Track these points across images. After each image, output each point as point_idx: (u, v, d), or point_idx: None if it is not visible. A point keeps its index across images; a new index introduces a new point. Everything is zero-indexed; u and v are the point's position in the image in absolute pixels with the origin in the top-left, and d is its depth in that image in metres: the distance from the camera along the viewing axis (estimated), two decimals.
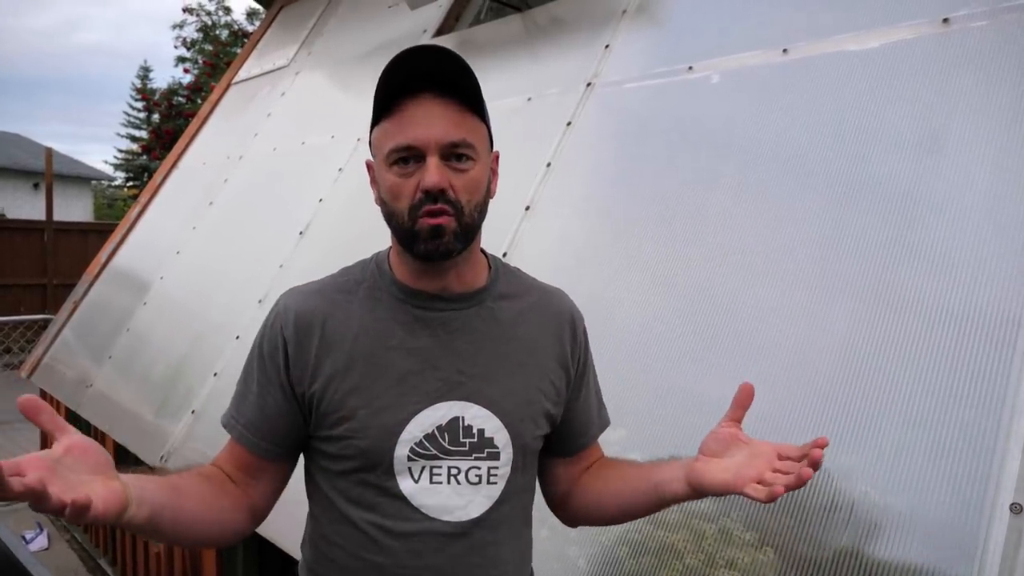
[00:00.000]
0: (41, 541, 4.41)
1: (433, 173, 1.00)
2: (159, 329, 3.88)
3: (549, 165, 2.42)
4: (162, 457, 3.04)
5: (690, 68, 2.25)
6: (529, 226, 2.33)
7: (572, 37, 2.81)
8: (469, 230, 1.06)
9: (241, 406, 1.13)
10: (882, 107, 1.77)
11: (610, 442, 1.70)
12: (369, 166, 1.12)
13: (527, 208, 2.37)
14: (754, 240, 1.79)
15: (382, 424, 1.05)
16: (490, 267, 1.17)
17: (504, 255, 2.29)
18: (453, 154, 1.02)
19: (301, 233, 3.33)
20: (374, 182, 1.10)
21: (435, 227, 1.01)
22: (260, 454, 1.12)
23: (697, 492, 1.02)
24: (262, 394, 1.10)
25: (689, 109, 2.18)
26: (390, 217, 1.05)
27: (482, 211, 1.08)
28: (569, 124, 2.48)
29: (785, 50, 2.04)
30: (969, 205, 1.52)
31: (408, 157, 1.02)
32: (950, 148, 1.61)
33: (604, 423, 1.29)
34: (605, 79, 2.50)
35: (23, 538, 4.38)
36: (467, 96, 1.05)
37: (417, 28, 3.80)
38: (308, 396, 1.08)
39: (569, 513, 1.28)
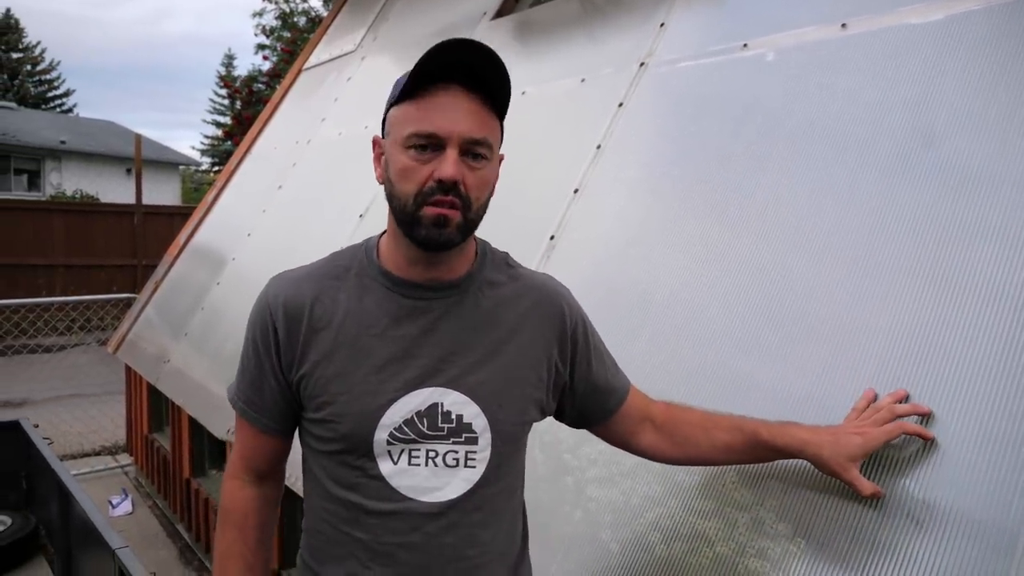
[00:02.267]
0: (126, 506, 4.68)
1: (451, 166, 1.02)
2: (230, 308, 4.03)
3: (599, 147, 2.40)
4: (229, 430, 3.18)
5: (745, 45, 2.18)
6: (578, 209, 2.32)
7: (628, 16, 2.77)
8: (472, 225, 1.09)
9: (241, 384, 1.20)
10: (946, 82, 1.68)
11: None
12: (376, 142, 1.14)
13: (576, 191, 2.35)
14: (810, 220, 1.72)
15: (362, 410, 1.09)
16: (477, 252, 1.19)
17: (552, 238, 2.29)
18: (471, 151, 1.04)
19: (361, 216, 3.40)
20: (378, 158, 1.13)
21: (440, 216, 1.03)
22: (261, 429, 1.19)
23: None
24: (259, 376, 1.16)
25: (743, 88, 2.12)
26: (393, 197, 1.07)
27: (485, 209, 1.11)
28: (621, 105, 2.44)
29: (844, 24, 1.96)
30: None
31: (427, 145, 1.03)
32: (1019, 124, 1.52)
33: (625, 382, 1.33)
34: (659, 58, 2.46)
35: (110, 503, 4.66)
36: (493, 96, 1.07)
37: (477, 10, 3.81)
38: (296, 380, 1.13)
39: (660, 459, 1.38)
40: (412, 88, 1.05)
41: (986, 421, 1.24)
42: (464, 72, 1.04)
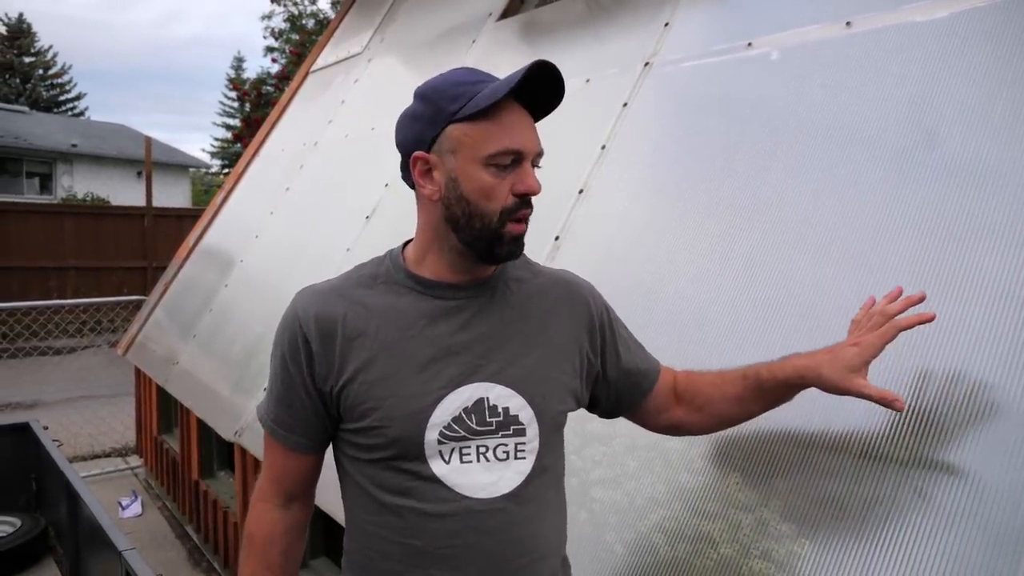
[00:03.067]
0: (135, 508, 4.70)
1: (534, 179, 1.08)
2: (238, 310, 4.05)
3: (604, 147, 2.40)
4: (236, 432, 3.19)
5: (749, 44, 2.18)
6: (583, 210, 2.32)
7: (633, 16, 2.76)
8: None
9: (271, 402, 1.19)
10: (951, 79, 1.66)
11: None
12: (424, 159, 1.10)
13: (580, 191, 2.35)
14: (814, 218, 1.72)
15: (410, 411, 1.09)
16: None
17: (556, 239, 2.29)
18: (535, 164, 1.10)
19: (367, 217, 3.41)
20: (427, 175, 1.10)
21: (520, 235, 1.10)
22: (291, 447, 1.18)
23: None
24: (289, 392, 1.16)
25: (747, 87, 2.11)
26: (471, 216, 1.07)
27: None
28: (625, 105, 2.44)
29: (848, 23, 1.95)
30: None
31: (510, 162, 1.06)
32: None
33: (655, 362, 1.35)
34: (663, 58, 2.45)
35: (120, 504, 4.69)
36: (539, 115, 1.13)
37: (483, 11, 3.81)
38: (335, 392, 1.12)
39: (689, 431, 1.39)
40: (486, 107, 1.05)
41: (991, 419, 1.23)
42: (529, 94, 1.08)
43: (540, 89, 1.08)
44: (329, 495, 1.22)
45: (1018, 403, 1.23)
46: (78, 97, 31.45)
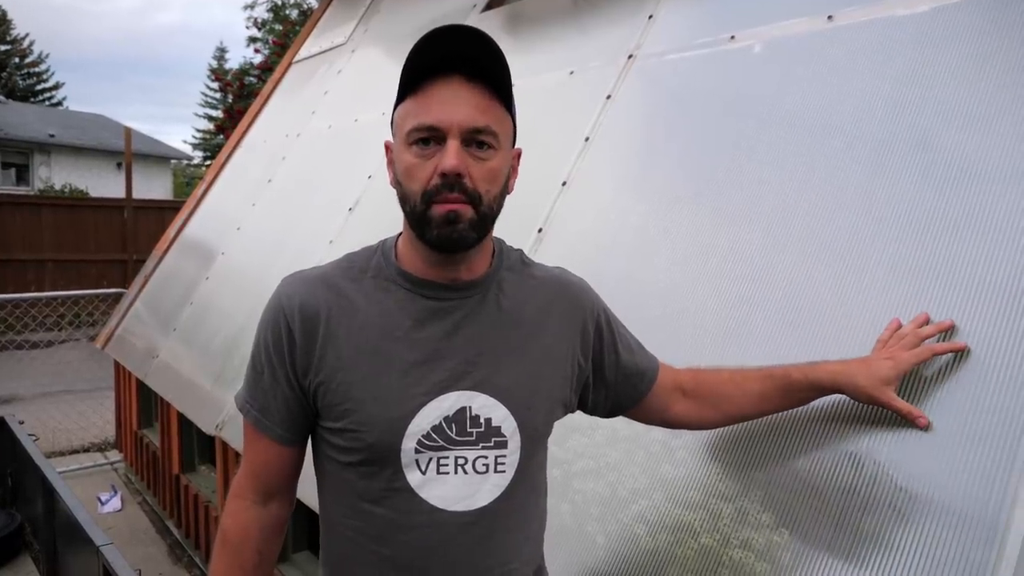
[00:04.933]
0: (115, 503, 4.66)
1: (452, 156, 0.97)
2: (219, 303, 4.02)
3: (587, 139, 2.39)
4: (217, 425, 3.17)
5: (732, 37, 2.18)
6: (566, 202, 2.31)
7: (618, 8, 2.76)
8: (486, 220, 1.03)
9: (254, 392, 1.13)
10: (933, 74, 1.68)
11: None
12: (387, 147, 1.10)
13: (564, 184, 2.35)
14: (796, 211, 1.72)
15: (389, 417, 1.04)
16: (494, 251, 1.15)
17: (539, 231, 2.28)
18: (475, 140, 0.99)
19: (350, 209, 3.39)
20: (391, 164, 1.08)
21: (450, 212, 0.98)
22: (275, 438, 1.12)
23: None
24: (271, 383, 1.10)
25: (730, 80, 2.11)
26: (403, 200, 1.03)
27: (499, 204, 1.05)
28: (609, 97, 2.43)
29: (830, 16, 1.95)
30: (1020, 177, 1.43)
31: (428, 138, 0.99)
32: (1004, 117, 1.51)
33: (654, 362, 1.31)
34: (647, 51, 2.45)
35: (99, 499, 4.64)
36: (497, 84, 1.02)
37: (468, 2, 3.79)
38: (313, 386, 1.07)
39: (693, 426, 1.38)
40: (411, 83, 1.01)
41: (969, 413, 1.25)
42: (460, 60, 0.99)
43: (468, 51, 0.99)
44: (312, 489, 1.21)
45: (995, 393, 1.24)
46: (56, 87, 30.95)
